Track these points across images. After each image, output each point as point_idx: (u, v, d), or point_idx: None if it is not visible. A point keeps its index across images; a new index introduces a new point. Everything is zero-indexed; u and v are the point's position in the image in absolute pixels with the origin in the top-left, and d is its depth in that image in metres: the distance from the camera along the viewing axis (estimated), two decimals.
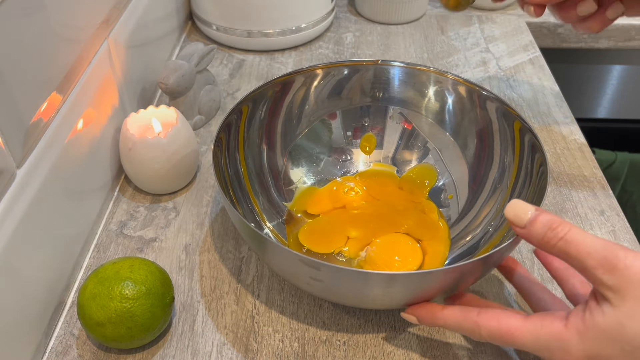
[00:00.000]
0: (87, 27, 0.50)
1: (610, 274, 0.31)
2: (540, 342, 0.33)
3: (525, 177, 0.46)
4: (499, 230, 0.46)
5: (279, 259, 0.40)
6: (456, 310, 0.37)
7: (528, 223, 0.34)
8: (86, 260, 0.49)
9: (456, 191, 0.52)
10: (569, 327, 0.33)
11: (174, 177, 0.54)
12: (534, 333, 0.34)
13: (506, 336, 0.34)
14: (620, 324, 0.31)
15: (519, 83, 0.71)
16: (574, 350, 0.32)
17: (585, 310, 0.33)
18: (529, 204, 0.35)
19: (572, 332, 0.32)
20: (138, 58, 0.62)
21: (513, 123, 0.48)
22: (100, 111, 0.52)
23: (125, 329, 0.39)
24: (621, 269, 0.31)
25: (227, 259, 0.49)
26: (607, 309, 0.31)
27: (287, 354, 0.42)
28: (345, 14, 0.87)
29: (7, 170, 0.38)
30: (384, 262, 0.47)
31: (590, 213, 0.53)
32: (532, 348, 0.34)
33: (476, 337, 0.36)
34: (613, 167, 1.03)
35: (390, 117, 0.56)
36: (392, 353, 0.42)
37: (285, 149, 0.54)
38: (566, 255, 0.33)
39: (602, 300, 0.32)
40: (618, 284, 0.31)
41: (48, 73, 0.43)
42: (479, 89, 0.51)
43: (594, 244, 0.32)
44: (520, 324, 0.34)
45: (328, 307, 0.46)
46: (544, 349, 0.34)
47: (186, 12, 0.82)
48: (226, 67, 0.74)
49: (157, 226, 0.52)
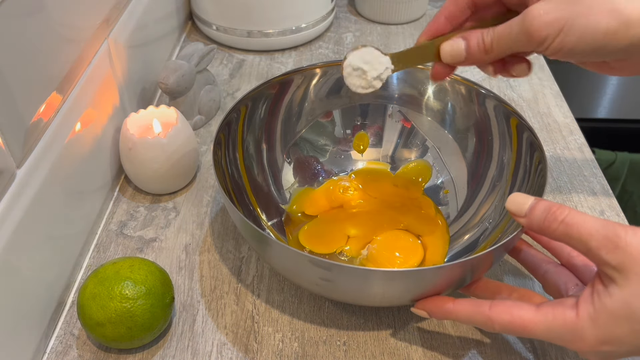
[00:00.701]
0: (87, 27, 0.50)
1: (613, 253, 0.31)
2: (554, 332, 0.34)
3: (523, 175, 0.46)
4: (499, 226, 0.46)
5: (286, 260, 0.40)
6: (467, 304, 0.37)
7: (528, 211, 0.35)
8: (86, 260, 0.49)
9: (455, 189, 0.52)
10: (580, 316, 0.33)
11: (174, 177, 0.54)
12: (546, 324, 0.34)
13: (519, 329, 0.35)
14: (627, 304, 0.31)
15: (519, 83, 0.71)
16: (587, 337, 0.33)
17: (593, 295, 0.33)
18: (528, 195, 0.36)
19: (584, 319, 0.33)
20: (138, 58, 0.62)
21: (511, 121, 0.48)
22: (100, 111, 0.52)
23: (125, 329, 0.39)
24: (622, 247, 0.31)
25: (227, 259, 0.49)
26: (614, 289, 0.32)
27: (287, 354, 0.42)
28: (345, 14, 0.87)
29: (7, 170, 0.38)
30: (386, 259, 0.47)
31: (590, 213, 0.53)
32: (546, 338, 0.34)
33: (489, 330, 0.37)
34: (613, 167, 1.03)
35: (389, 116, 0.56)
36: (392, 353, 0.42)
37: (284, 148, 0.54)
38: (569, 238, 0.33)
39: (608, 281, 0.32)
40: (622, 262, 0.31)
41: (48, 73, 0.43)
42: (478, 87, 0.51)
43: (594, 224, 0.32)
44: (532, 316, 0.34)
45: (328, 307, 0.46)
46: (557, 339, 0.34)
47: (186, 12, 0.82)
48: (226, 67, 0.74)
49: (157, 226, 0.52)
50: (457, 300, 0.38)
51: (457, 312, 0.37)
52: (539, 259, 0.41)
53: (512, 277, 0.48)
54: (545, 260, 0.41)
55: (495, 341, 0.43)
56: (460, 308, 0.37)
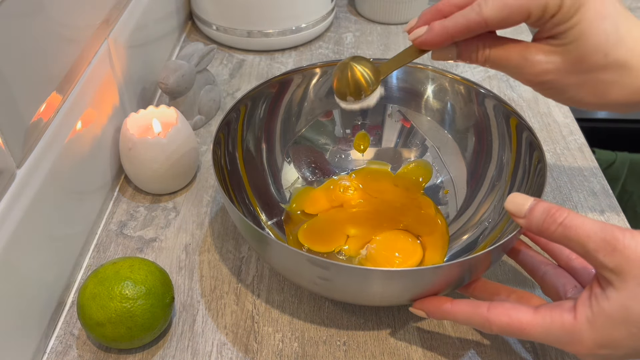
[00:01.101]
0: (87, 27, 0.50)
1: (610, 256, 0.31)
2: (552, 335, 0.34)
3: (523, 174, 0.46)
4: (498, 226, 0.46)
5: (284, 259, 0.40)
6: (465, 305, 0.37)
7: (527, 212, 0.35)
8: (86, 260, 0.49)
9: (454, 189, 0.53)
10: (578, 319, 0.33)
11: (174, 177, 0.54)
12: (544, 327, 0.34)
13: (517, 331, 0.35)
14: (625, 307, 0.31)
15: (518, 83, 0.71)
16: (585, 340, 0.33)
17: (591, 298, 0.33)
18: (527, 195, 0.36)
19: (581, 323, 0.33)
20: (138, 58, 0.62)
21: (511, 121, 0.48)
22: (100, 111, 0.52)
23: (125, 329, 0.39)
24: (620, 249, 0.31)
25: (227, 259, 0.49)
26: (611, 293, 0.32)
27: (287, 354, 0.42)
28: (345, 14, 0.87)
29: (7, 170, 0.38)
30: (385, 259, 0.47)
31: (590, 213, 0.53)
32: (544, 341, 0.34)
33: (486, 331, 0.37)
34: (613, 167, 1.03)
35: (389, 115, 0.56)
36: (392, 353, 0.42)
37: (284, 148, 0.54)
38: (567, 240, 0.33)
39: (606, 284, 0.32)
40: (619, 265, 0.31)
41: (48, 73, 0.43)
42: (477, 87, 0.51)
43: (593, 227, 0.32)
44: (530, 319, 0.34)
45: (328, 307, 0.46)
46: (555, 342, 0.34)
47: (186, 12, 0.82)
48: (226, 67, 0.74)
49: (157, 226, 0.52)
50: (455, 301, 0.38)
51: (455, 312, 0.37)
52: (538, 260, 0.41)
53: (511, 279, 0.48)
54: (543, 262, 0.41)
55: (495, 341, 0.43)
56: (458, 309, 0.37)
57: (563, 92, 0.38)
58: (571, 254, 0.40)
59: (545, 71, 0.37)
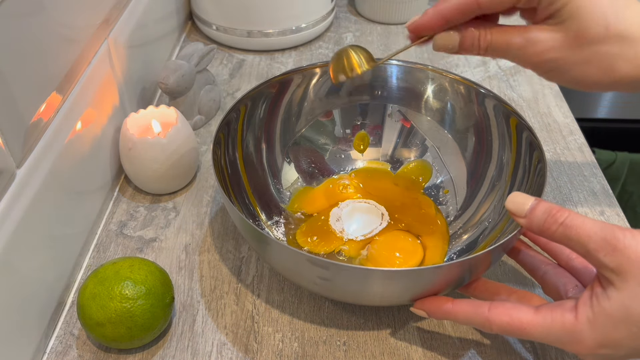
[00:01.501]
0: (87, 27, 0.50)
1: (611, 256, 0.31)
2: (552, 335, 0.34)
3: (523, 174, 0.46)
4: (498, 226, 0.46)
5: (284, 259, 0.40)
6: (466, 305, 0.37)
7: (528, 212, 0.35)
8: (86, 260, 0.49)
9: (454, 188, 0.53)
10: (579, 319, 0.33)
11: (174, 177, 0.54)
12: (545, 327, 0.34)
13: (518, 331, 0.35)
14: (625, 307, 0.31)
15: (519, 83, 0.71)
16: (586, 340, 0.33)
17: (592, 298, 0.33)
18: (528, 195, 0.36)
19: (582, 322, 0.33)
20: (138, 58, 0.62)
21: (511, 121, 0.48)
22: (100, 111, 0.52)
23: (125, 329, 0.39)
24: (621, 249, 0.31)
25: (227, 259, 0.49)
26: (612, 292, 0.32)
27: (287, 354, 0.42)
28: (345, 14, 0.87)
29: (7, 170, 0.38)
30: (385, 259, 0.47)
31: (590, 213, 0.53)
32: (544, 340, 0.35)
33: (487, 331, 0.37)
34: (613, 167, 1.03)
35: (388, 115, 0.56)
36: (392, 353, 0.42)
37: (284, 148, 0.54)
38: (568, 240, 0.33)
39: (607, 284, 0.32)
40: (619, 264, 0.31)
41: (48, 73, 0.43)
42: (477, 87, 0.51)
43: (593, 227, 0.32)
44: (531, 318, 0.34)
45: (328, 307, 0.46)
46: (556, 341, 0.34)
47: (186, 12, 0.82)
48: (226, 67, 0.74)
49: (157, 226, 0.52)
50: (456, 301, 0.38)
51: (456, 312, 0.37)
52: (538, 260, 0.41)
53: (511, 279, 0.48)
54: (544, 261, 0.41)
55: (495, 341, 0.43)
56: (459, 309, 0.37)
57: (568, 70, 0.38)
58: (571, 254, 0.40)
59: (547, 49, 0.37)
